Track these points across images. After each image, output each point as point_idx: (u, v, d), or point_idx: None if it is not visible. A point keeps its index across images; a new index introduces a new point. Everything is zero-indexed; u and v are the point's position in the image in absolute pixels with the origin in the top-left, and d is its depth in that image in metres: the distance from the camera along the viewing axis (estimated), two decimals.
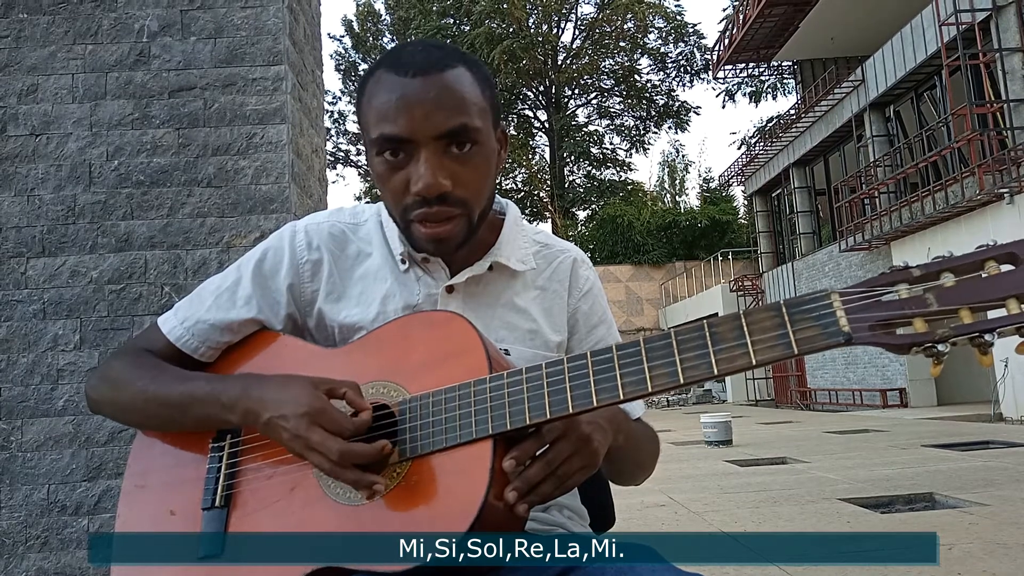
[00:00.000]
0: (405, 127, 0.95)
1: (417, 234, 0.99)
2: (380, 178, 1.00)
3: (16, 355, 2.88)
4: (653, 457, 1.14)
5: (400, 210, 1.00)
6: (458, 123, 0.96)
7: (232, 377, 1.01)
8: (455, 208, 0.98)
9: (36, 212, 2.95)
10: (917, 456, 7.80)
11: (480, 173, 1.00)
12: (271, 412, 0.92)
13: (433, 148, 0.96)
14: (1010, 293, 0.70)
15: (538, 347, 1.07)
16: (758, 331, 0.78)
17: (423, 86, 0.96)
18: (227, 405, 0.97)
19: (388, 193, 1.00)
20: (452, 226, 0.98)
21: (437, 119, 0.95)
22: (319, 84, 3.63)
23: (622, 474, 1.11)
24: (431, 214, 0.97)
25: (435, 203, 0.96)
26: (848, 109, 18.00)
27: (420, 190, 0.95)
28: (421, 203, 0.96)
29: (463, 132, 0.97)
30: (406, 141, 0.96)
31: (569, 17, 34.41)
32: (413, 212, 0.98)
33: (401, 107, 0.95)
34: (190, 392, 1.00)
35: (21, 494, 2.81)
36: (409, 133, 0.95)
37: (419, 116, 0.95)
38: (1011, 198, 12.04)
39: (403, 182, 0.97)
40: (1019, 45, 12.58)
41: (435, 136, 0.95)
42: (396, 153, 0.97)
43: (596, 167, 35.47)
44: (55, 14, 3.04)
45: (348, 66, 36.45)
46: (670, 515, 5.23)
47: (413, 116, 0.95)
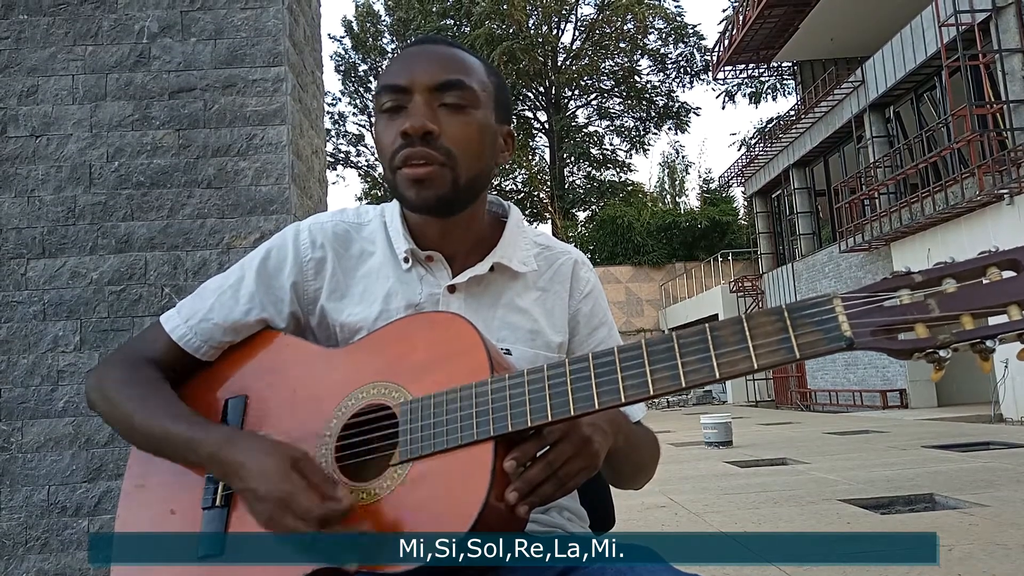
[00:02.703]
0: (402, 76, 1.01)
1: (401, 181, 1.01)
2: (376, 136, 1.05)
3: (16, 356, 2.88)
4: (653, 460, 1.15)
5: (389, 161, 1.02)
6: (453, 77, 1.01)
7: (213, 428, 0.99)
8: (438, 154, 0.99)
9: (36, 213, 2.95)
10: (917, 457, 7.80)
11: (470, 131, 1.02)
12: (243, 484, 0.91)
13: (426, 97, 1.01)
14: (1012, 299, 0.70)
15: (539, 348, 1.07)
16: (760, 335, 0.78)
17: (429, 48, 1.05)
18: (203, 457, 0.96)
19: (381, 147, 1.04)
20: (434, 170, 1.00)
21: (433, 69, 1.02)
22: (319, 85, 3.63)
23: (622, 476, 1.12)
24: (414, 153, 0.99)
25: (419, 143, 0.99)
26: (848, 110, 18.01)
27: (406, 128, 0.98)
28: (406, 144, 0.99)
29: (457, 86, 1.01)
30: (403, 90, 1.01)
31: (569, 18, 34.43)
32: (398, 156, 1.00)
33: (403, 62, 1.04)
34: (171, 433, 0.99)
35: (21, 495, 2.81)
36: (406, 82, 1.01)
37: (416, 67, 1.02)
38: (1011, 199, 12.05)
39: (395, 131, 1.01)
40: (1019, 46, 12.59)
41: (430, 86, 1.01)
42: (394, 106, 1.01)
43: (596, 168, 35.47)
44: (55, 15, 3.04)
45: (348, 67, 36.44)
46: (670, 516, 5.23)
47: (411, 67, 1.02)
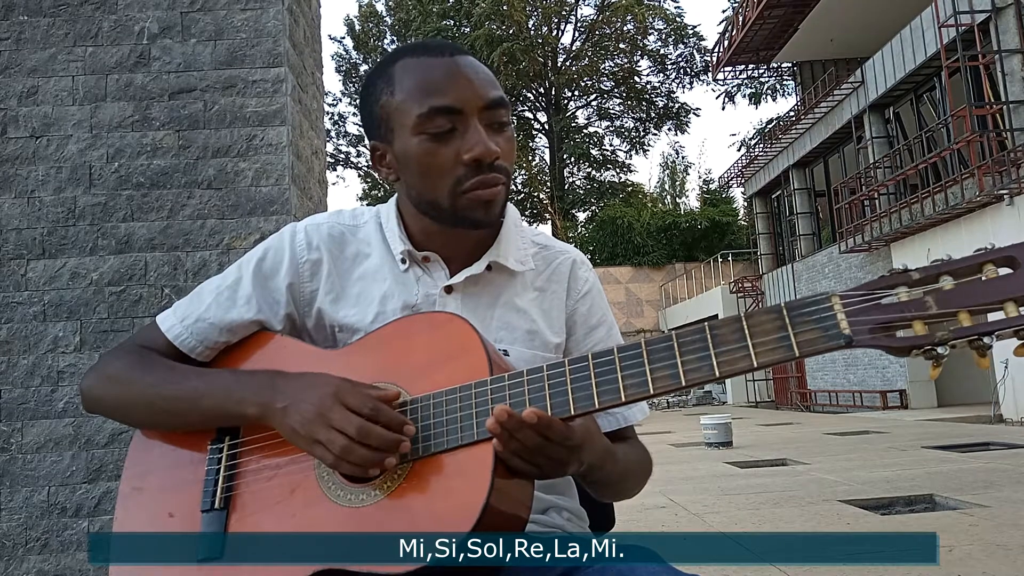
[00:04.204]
0: (455, 96, 0.99)
1: (468, 204, 1.01)
2: (422, 158, 1.01)
3: (16, 357, 2.88)
4: (637, 481, 1.11)
5: (451, 183, 1.00)
6: (499, 95, 1.02)
7: (255, 371, 1.02)
8: (501, 175, 1.01)
9: (36, 214, 2.95)
10: (917, 457, 7.80)
11: (513, 148, 1.05)
12: (290, 399, 0.93)
13: (481, 118, 1.00)
14: (1008, 296, 0.70)
15: (537, 348, 1.07)
16: (759, 333, 0.79)
17: (464, 62, 1.02)
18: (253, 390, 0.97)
19: (434, 170, 1.01)
20: (500, 190, 1.02)
21: (483, 89, 1.01)
22: (319, 86, 3.63)
23: (598, 493, 1.09)
24: (487, 180, 1.00)
25: (488, 169, 0.99)
26: (848, 110, 18.01)
27: (479, 154, 0.98)
28: (476, 170, 0.99)
29: (503, 104, 1.02)
30: (456, 112, 0.99)
31: (569, 19, 34.44)
32: (468, 181, 1.00)
33: (449, 79, 1.00)
34: (213, 383, 1.01)
35: (21, 496, 2.81)
36: (460, 102, 0.99)
37: (466, 86, 1.00)
38: (1011, 199, 12.05)
39: (453, 154, 0.99)
40: (1018, 46, 12.59)
41: (482, 106, 1.00)
42: (443, 127, 0.99)
43: (596, 169, 35.47)
44: (55, 16, 3.04)
45: (349, 67, 36.45)
46: (670, 516, 5.23)
47: (461, 86, 1.00)
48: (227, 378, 1.01)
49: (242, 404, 0.97)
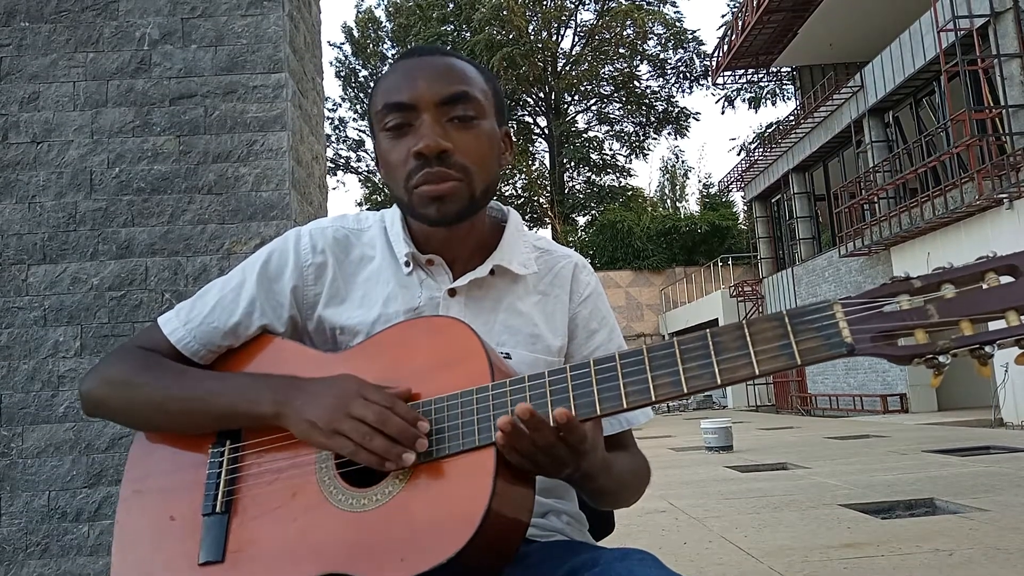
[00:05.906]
0: (407, 93, 1.00)
1: (418, 200, 1.01)
2: (385, 156, 1.04)
3: (17, 362, 2.88)
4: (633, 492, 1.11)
5: (403, 180, 1.01)
6: (459, 89, 1.01)
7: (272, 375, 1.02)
8: (454, 171, 1.00)
9: (37, 219, 2.95)
10: (918, 461, 7.79)
11: (481, 144, 1.03)
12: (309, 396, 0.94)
13: (435, 113, 1.00)
14: (1010, 305, 0.71)
15: (539, 351, 1.07)
16: (761, 341, 0.79)
17: (427, 61, 1.04)
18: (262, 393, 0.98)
19: (392, 169, 1.03)
20: (452, 186, 1.00)
21: (438, 86, 1.01)
22: (319, 91, 3.64)
23: (594, 501, 1.08)
24: (432, 174, 0.99)
25: (435, 163, 0.99)
26: (847, 115, 18.03)
27: (420, 148, 0.98)
28: (422, 164, 0.99)
29: (463, 98, 1.01)
30: (409, 108, 1.00)
31: (568, 24, 34.51)
32: (415, 176, 1.00)
33: (405, 78, 1.02)
34: (228, 384, 1.01)
35: (21, 501, 2.81)
36: (411, 99, 1.00)
37: (421, 83, 1.01)
38: (1010, 203, 12.06)
39: (405, 150, 1.00)
40: (1017, 51, 12.61)
41: (436, 102, 1.00)
42: (399, 124, 1.01)
43: (596, 173, 35.51)
44: (57, 22, 3.05)
45: (348, 73, 36.50)
46: (670, 521, 5.23)
47: (415, 83, 1.01)
48: (243, 380, 1.01)
49: (256, 403, 0.97)
